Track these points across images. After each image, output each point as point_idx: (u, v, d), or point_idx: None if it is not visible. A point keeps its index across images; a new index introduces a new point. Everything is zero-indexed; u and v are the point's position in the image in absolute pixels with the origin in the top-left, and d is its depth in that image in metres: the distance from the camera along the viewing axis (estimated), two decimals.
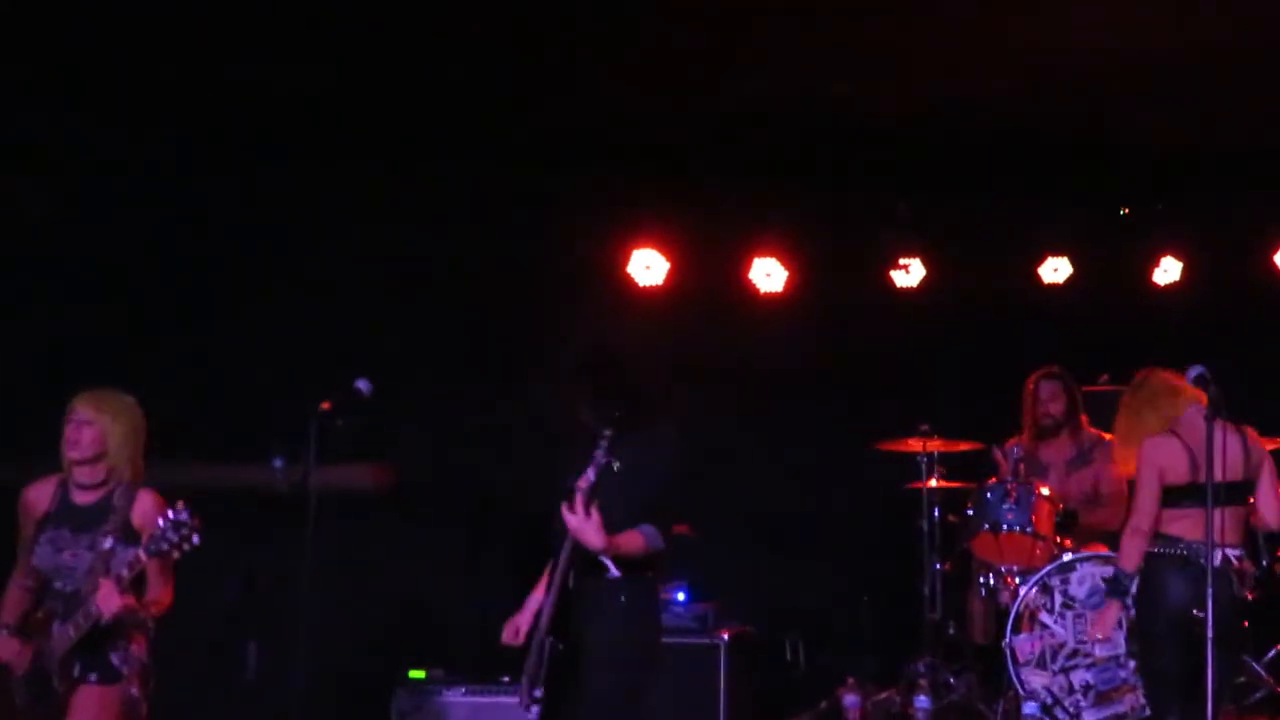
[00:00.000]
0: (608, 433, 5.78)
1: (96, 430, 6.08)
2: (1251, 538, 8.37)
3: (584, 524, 5.71)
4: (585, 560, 5.85)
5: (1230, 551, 6.57)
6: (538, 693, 5.93)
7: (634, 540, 5.83)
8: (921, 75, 8.49)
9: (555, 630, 5.90)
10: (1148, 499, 6.65)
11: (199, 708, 7.23)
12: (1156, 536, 6.66)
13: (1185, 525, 6.59)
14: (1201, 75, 8.35)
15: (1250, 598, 6.93)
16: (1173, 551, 6.61)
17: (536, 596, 6.10)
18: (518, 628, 6.07)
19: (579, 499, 5.74)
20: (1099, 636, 7.33)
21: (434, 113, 8.82)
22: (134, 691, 6.01)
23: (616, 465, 5.78)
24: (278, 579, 6.14)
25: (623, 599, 5.99)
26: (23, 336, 8.39)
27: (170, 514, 5.73)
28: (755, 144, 9.27)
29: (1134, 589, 6.67)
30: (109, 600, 5.79)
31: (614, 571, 5.87)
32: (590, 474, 5.76)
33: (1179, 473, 6.63)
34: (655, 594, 6.10)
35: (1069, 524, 8.66)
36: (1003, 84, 8.50)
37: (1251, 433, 6.78)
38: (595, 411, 5.97)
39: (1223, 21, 7.71)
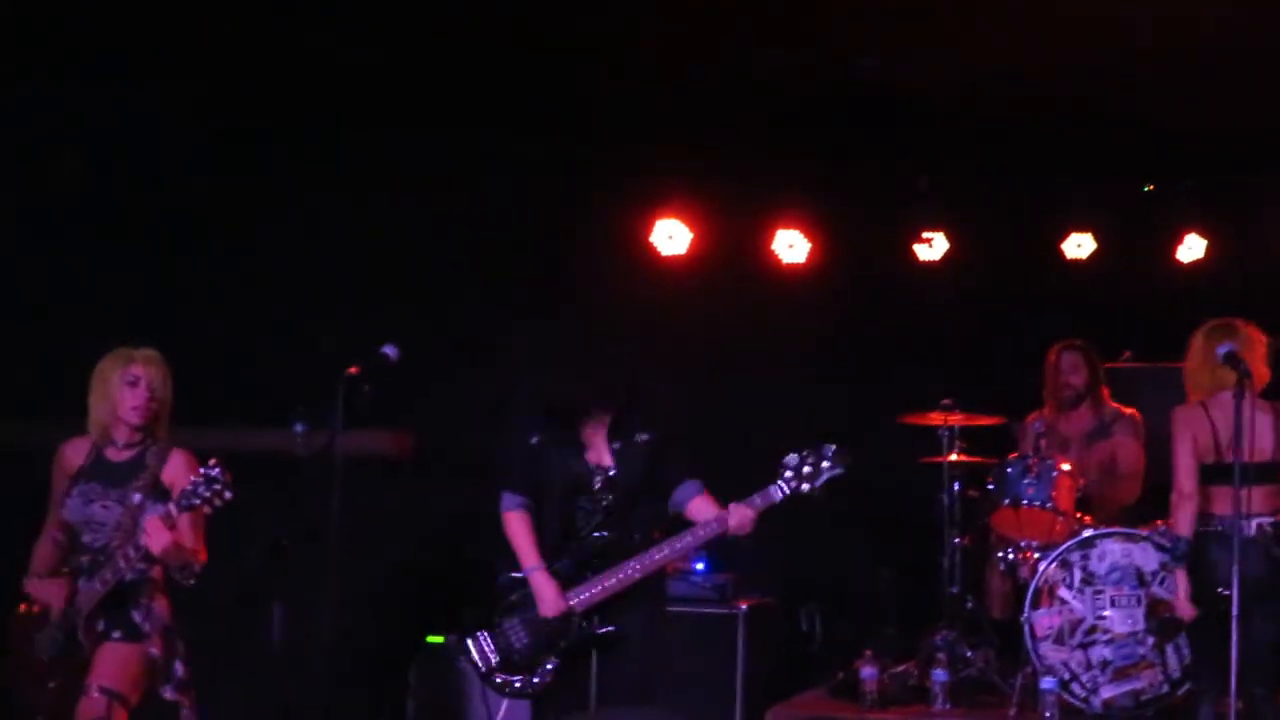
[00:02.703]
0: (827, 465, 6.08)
1: (160, 394, 6.15)
2: None
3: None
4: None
5: (1263, 520, 6.64)
6: (551, 664, 5.98)
7: None
8: (948, 49, 8.47)
9: (597, 612, 6.00)
10: (1183, 463, 6.76)
11: (226, 669, 7.26)
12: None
13: (1219, 503, 6.69)
14: (1228, 52, 8.32)
15: None
16: (1209, 529, 6.71)
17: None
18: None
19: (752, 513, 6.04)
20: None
21: (458, 81, 8.81)
22: (154, 651, 6.06)
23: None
24: (303, 543, 6.16)
25: (659, 586, 6.17)
26: (48, 300, 8.41)
27: (203, 470, 5.78)
28: (780, 115, 9.25)
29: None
30: (159, 536, 5.82)
31: None
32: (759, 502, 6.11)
33: (1206, 449, 6.71)
34: None
35: (1085, 504, 8.66)
36: (1029, 58, 8.48)
37: None
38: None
39: None
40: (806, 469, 5.94)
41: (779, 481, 5.98)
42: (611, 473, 6.13)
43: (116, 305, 8.36)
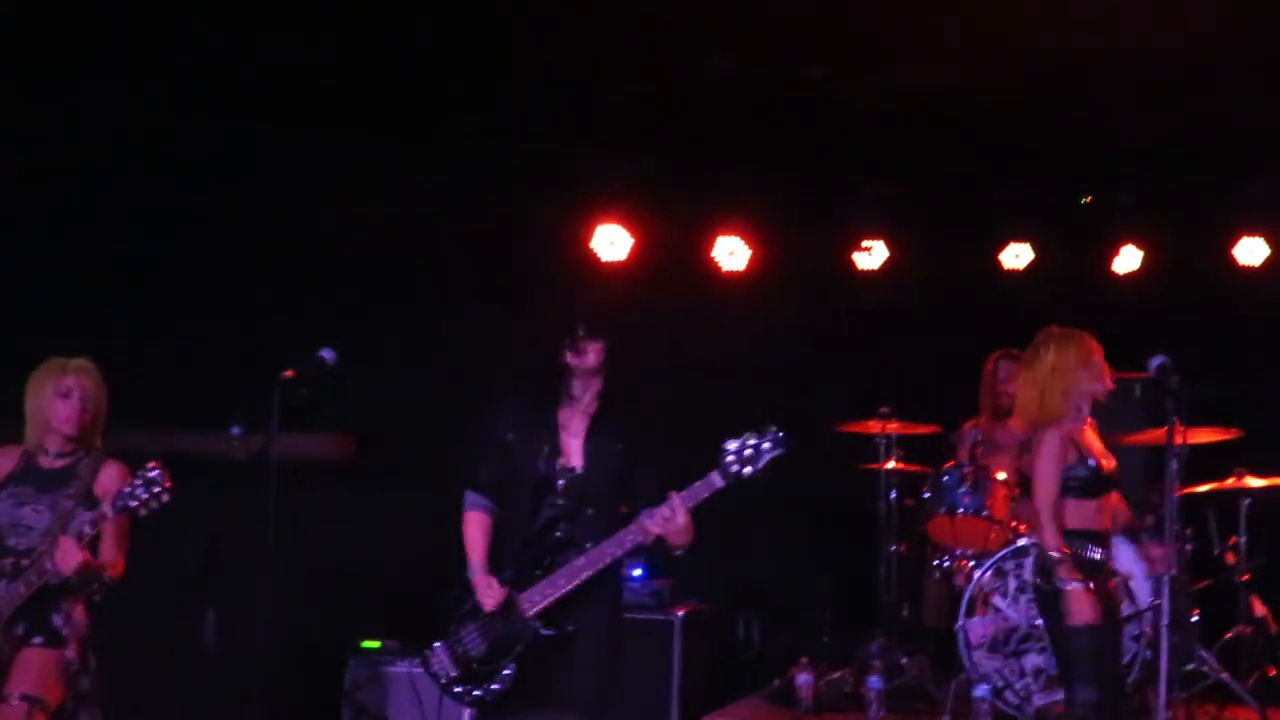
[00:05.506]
0: (768, 446, 5.79)
1: (92, 405, 6.10)
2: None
3: (686, 529, 5.80)
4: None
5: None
6: (509, 670, 5.89)
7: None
8: (890, 60, 8.51)
9: (546, 615, 5.91)
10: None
11: (158, 674, 7.23)
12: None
13: None
14: (1166, 65, 8.40)
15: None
16: None
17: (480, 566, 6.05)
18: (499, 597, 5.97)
19: (681, 505, 5.79)
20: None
21: (400, 86, 8.78)
22: (71, 656, 6.01)
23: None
24: (237, 547, 6.13)
25: (615, 584, 6.06)
26: None
27: (141, 472, 5.73)
28: (722, 123, 9.26)
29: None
30: (69, 556, 5.79)
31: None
32: (703, 491, 5.82)
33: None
34: None
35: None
36: (970, 70, 8.53)
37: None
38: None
39: (1192, 11, 7.74)
40: (748, 452, 5.84)
41: (720, 468, 5.88)
42: (577, 474, 6.04)
43: (52, 309, 8.28)
